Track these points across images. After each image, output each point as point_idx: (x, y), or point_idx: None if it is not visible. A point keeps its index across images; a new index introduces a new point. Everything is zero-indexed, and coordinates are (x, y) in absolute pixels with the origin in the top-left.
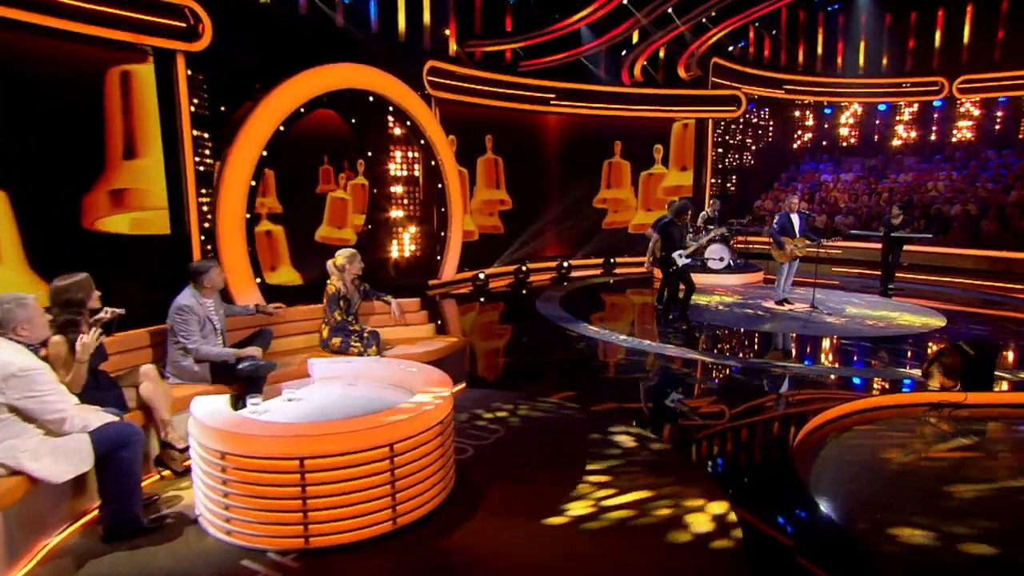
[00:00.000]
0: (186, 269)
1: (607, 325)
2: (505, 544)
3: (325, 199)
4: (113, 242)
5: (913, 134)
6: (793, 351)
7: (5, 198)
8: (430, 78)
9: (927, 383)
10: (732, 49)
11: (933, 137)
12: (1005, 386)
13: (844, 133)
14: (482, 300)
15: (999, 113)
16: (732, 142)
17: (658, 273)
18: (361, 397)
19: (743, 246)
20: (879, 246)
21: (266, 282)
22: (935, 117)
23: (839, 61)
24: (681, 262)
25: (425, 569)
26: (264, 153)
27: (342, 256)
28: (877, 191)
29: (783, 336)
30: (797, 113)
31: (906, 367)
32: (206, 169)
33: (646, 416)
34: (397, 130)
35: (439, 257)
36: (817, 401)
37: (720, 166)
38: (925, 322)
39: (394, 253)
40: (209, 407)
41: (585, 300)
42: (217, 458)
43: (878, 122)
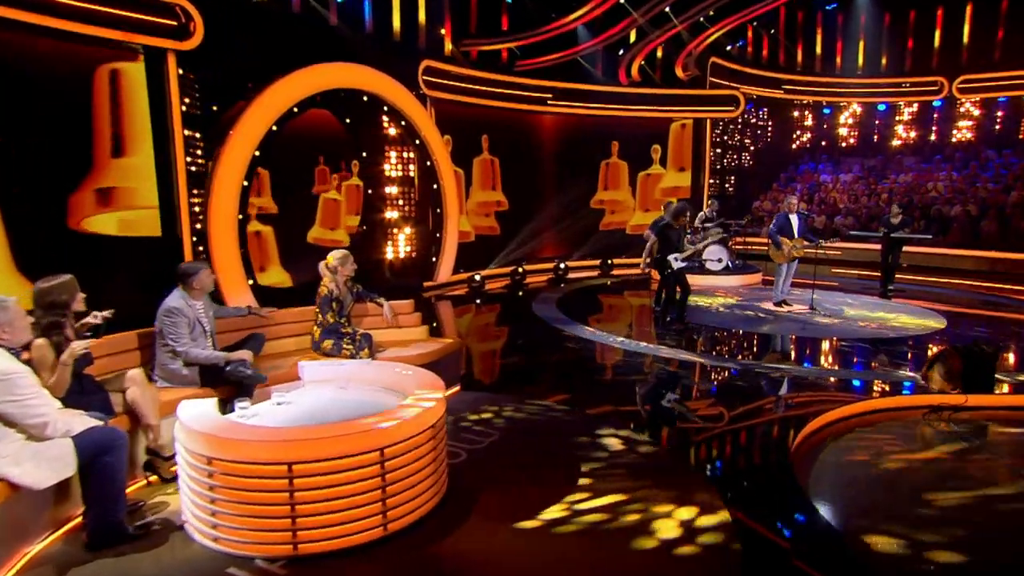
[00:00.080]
0: (175, 271)
1: (604, 327)
2: (498, 550)
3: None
4: (103, 243)
5: (913, 134)
6: (792, 353)
7: None
8: (425, 78)
9: (927, 385)
10: (730, 48)
11: (933, 137)
12: (1006, 388)
13: (843, 133)
14: (478, 302)
15: (999, 113)
16: (730, 142)
17: (656, 275)
18: (352, 400)
19: (741, 247)
20: (878, 247)
21: (259, 284)
22: (935, 117)
23: (838, 61)
24: (677, 265)
25: None
26: (257, 153)
27: (334, 258)
28: (876, 192)
29: (781, 338)
30: (796, 113)
31: (906, 369)
32: (198, 169)
33: (644, 419)
34: (392, 130)
35: (435, 259)
36: (816, 404)
37: (718, 166)
38: (919, 323)
39: (389, 255)
40: (196, 411)
41: (582, 302)
42: (204, 463)
43: (877, 122)
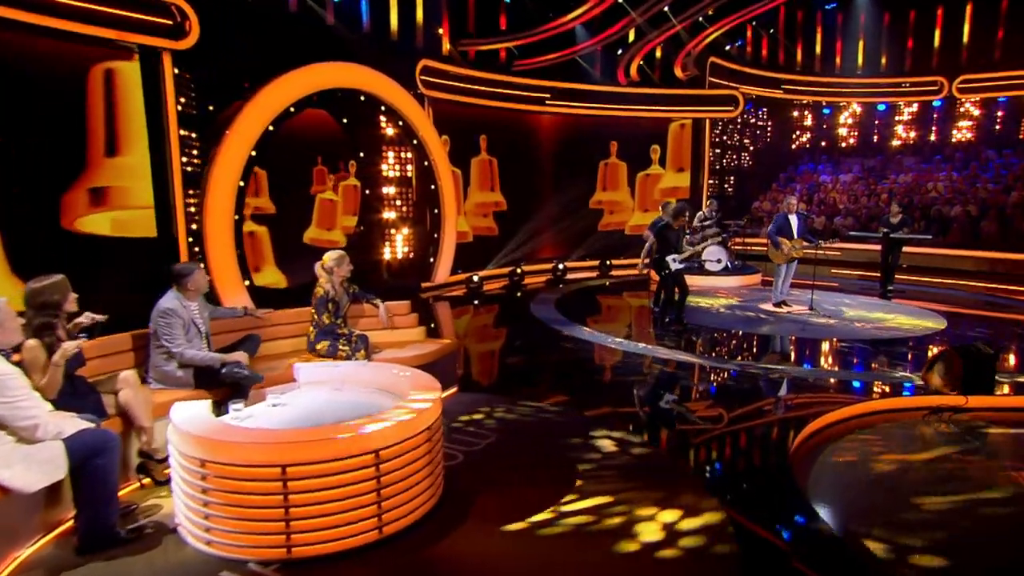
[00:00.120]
0: (169, 271)
1: (603, 328)
2: (494, 553)
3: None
4: (97, 243)
5: (913, 134)
6: (792, 354)
7: None
8: (423, 77)
9: (927, 386)
10: (729, 48)
11: (933, 137)
12: (1006, 390)
13: (843, 133)
14: (476, 303)
15: (999, 113)
16: (730, 142)
17: (655, 275)
18: (347, 402)
19: (741, 248)
20: (878, 247)
21: (255, 284)
22: (935, 117)
23: (838, 60)
24: (675, 267)
25: None
26: (253, 153)
27: (330, 258)
28: (876, 192)
29: (780, 339)
30: (795, 113)
31: (906, 370)
32: (193, 170)
33: (642, 420)
34: (389, 130)
35: (432, 259)
36: (815, 405)
37: (718, 167)
38: (917, 324)
39: (387, 255)
40: (189, 413)
41: (581, 303)
42: (197, 466)
43: (877, 122)
